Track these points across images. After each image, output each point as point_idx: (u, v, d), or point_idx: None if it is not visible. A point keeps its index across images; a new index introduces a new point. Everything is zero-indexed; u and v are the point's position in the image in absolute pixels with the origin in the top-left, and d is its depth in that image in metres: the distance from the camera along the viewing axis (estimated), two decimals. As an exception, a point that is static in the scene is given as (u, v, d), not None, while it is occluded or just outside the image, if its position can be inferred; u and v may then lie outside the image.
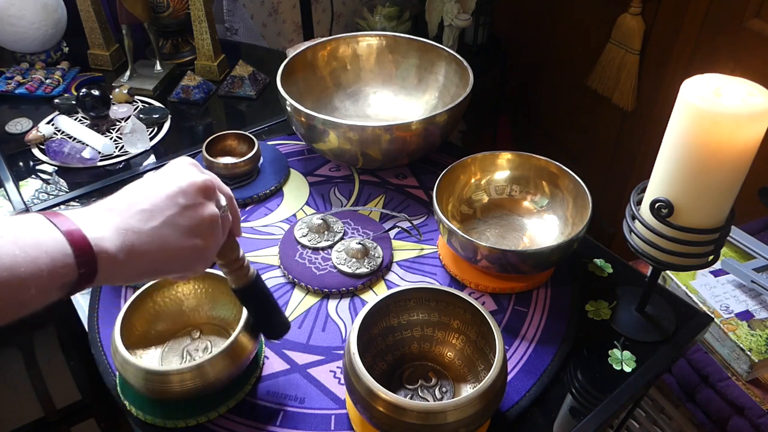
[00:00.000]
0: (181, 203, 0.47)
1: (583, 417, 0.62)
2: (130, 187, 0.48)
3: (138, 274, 0.46)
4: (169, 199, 0.46)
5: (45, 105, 1.12)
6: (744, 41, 1.36)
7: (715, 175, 0.56)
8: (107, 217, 0.44)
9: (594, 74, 1.71)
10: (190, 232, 0.47)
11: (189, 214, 0.47)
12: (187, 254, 0.48)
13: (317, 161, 0.98)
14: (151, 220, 0.45)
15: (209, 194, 0.49)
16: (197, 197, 0.48)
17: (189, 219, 0.47)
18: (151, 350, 0.66)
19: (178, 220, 0.46)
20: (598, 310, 0.74)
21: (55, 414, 1.08)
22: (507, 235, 0.81)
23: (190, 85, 1.15)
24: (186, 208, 0.47)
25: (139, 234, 0.44)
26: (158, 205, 0.46)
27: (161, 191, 0.47)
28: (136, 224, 0.44)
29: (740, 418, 0.90)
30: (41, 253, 0.38)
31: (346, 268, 0.76)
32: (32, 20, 1.15)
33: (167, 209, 0.46)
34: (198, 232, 0.48)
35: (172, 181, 0.48)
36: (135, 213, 0.45)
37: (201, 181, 0.49)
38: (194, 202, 0.48)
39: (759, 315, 0.95)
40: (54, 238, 0.39)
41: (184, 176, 0.48)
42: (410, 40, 1.02)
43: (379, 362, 0.64)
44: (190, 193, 0.48)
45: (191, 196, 0.48)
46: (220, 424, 0.61)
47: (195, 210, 0.48)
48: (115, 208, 0.45)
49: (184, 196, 0.47)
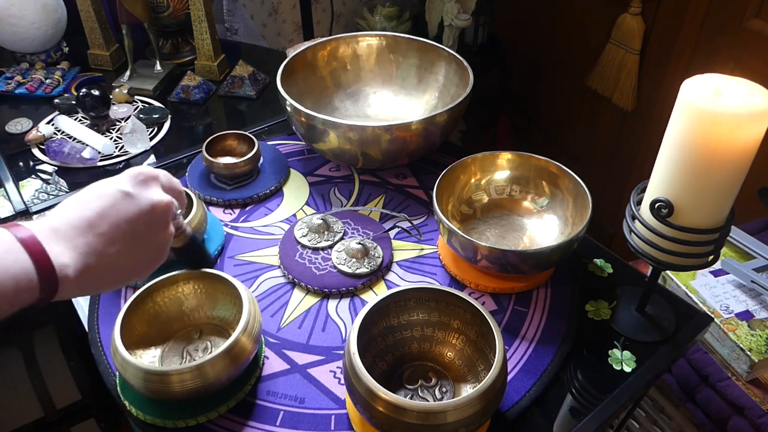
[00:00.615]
0: (141, 229, 0.48)
1: (583, 417, 0.62)
2: (87, 200, 0.47)
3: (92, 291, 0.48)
4: (130, 223, 0.47)
5: (45, 105, 1.12)
6: (744, 41, 1.36)
7: (715, 175, 0.56)
8: (70, 239, 0.44)
9: (594, 74, 1.71)
10: (150, 252, 0.50)
11: (149, 238, 0.49)
12: (143, 270, 0.50)
13: (317, 161, 0.98)
14: (112, 244, 0.46)
15: (169, 215, 0.51)
16: (159, 220, 0.50)
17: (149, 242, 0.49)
18: (151, 350, 0.65)
19: (139, 244, 0.48)
20: (598, 310, 0.74)
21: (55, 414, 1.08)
22: (507, 235, 0.81)
23: (190, 85, 1.15)
24: (148, 232, 0.49)
25: (100, 257, 0.45)
26: (120, 229, 0.47)
27: (122, 214, 0.47)
28: (98, 247, 0.45)
29: (740, 418, 0.90)
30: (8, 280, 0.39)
31: (346, 268, 0.76)
32: (32, 20, 1.15)
33: (128, 234, 0.47)
34: (156, 251, 0.50)
35: (133, 202, 0.48)
36: (96, 236, 0.46)
37: (163, 205, 0.50)
38: (154, 226, 0.49)
39: (759, 315, 0.95)
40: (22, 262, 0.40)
41: (144, 198, 0.49)
42: (410, 40, 1.02)
43: (379, 362, 0.64)
44: (152, 218, 0.49)
45: (152, 221, 0.49)
46: (220, 424, 0.61)
47: (154, 234, 0.50)
48: (77, 228, 0.45)
49: (145, 221, 0.48)
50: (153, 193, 0.50)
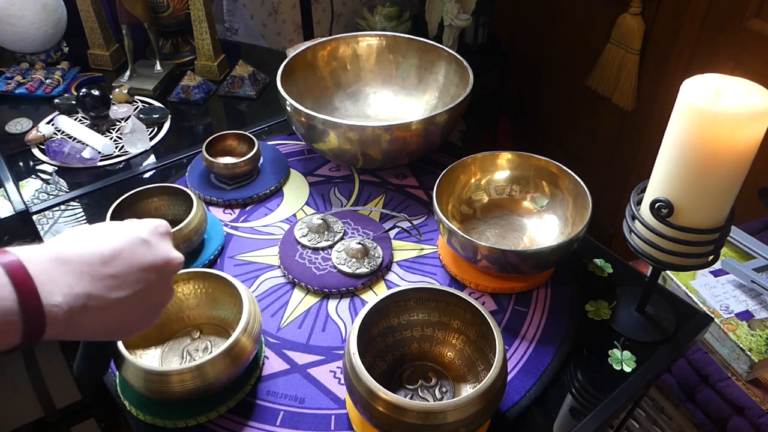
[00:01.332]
0: (151, 279, 0.46)
1: (583, 417, 0.62)
2: (106, 235, 0.44)
3: (83, 336, 0.44)
4: (143, 272, 0.45)
5: (45, 105, 1.12)
6: (744, 41, 1.36)
7: (715, 175, 0.56)
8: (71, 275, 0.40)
9: (594, 74, 1.71)
10: (151, 308, 0.47)
11: (155, 293, 0.47)
12: (139, 325, 0.47)
13: (317, 161, 0.98)
14: (120, 289, 0.43)
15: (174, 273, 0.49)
16: (166, 278, 0.48)
17: (154, 297, 0.47)
18: (151, 350, 0.66)
19: (144, 295, 0.45)
20: (598, 310, 0.74)
21: (55, 414, 1.08)
22: (507, 235, 0.81)
23: (190, 85, 1.15)
24: (154, 286, 0.46)
25: (102, 301, 0.42)
26: (131, 276, 0.44)
27: (136, 260, 0.45)
28: (102, 290, 0.42)
29: (740, 418, 0.90)
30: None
31: (346, 268, 0.76)
32: (32, 20, 1.15)
33: (137, 283, 0.44)
34: (156, 309, 0.48)
35: (150, 251, 0.46)
36: (105, 276, 0.42)
37: (177, 263, 0.48)
38: (163, 282, 0.47)
39: (759, 315, 0.95)
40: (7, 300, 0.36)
41: (161, 251, 0.47)
42: (410, 40, 1.02)
43: (379, 362, 0.64)
44: (164, 273, 0.47)
45: (163, 276, 0.47)
46: (220, 424, 0.61)
47: (161, 290, 0.47)
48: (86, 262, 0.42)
49: (156, 274, 0.46)
50: (168, 247, 0.48)
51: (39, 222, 0.87)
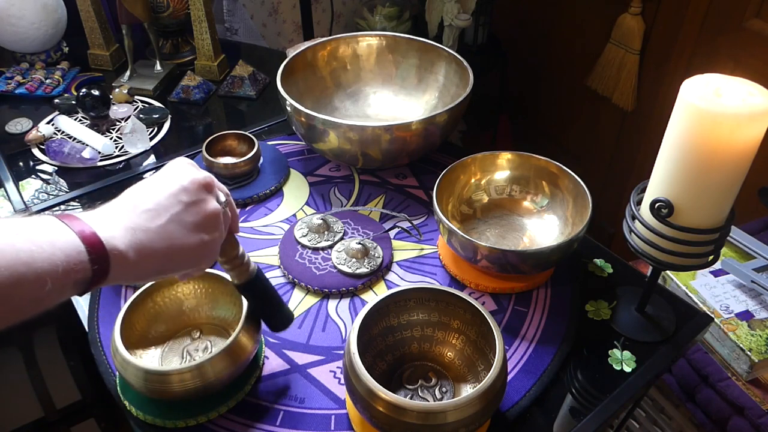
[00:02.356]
0: (184, 200, 0.48)
1: (583, 417, 0.62)
2: (133, 189, 0.49)
3: (149, 272, 0.47)
4: (172, 196, 0.48)
5: (45, 105, 1.12)
6: (744, 41, 1.36)
7: (715, 175, 0.56)
8: (115, 217, 0.45)
9: (594, 74, 1.71)
10: (195, 227, 0.49)
11: (193, 210, 0.49)
12: (194, 250, 0.49)
13: (317, 161, 0.98)
14: (157, 218, 0.46)
15: (210, 190, 0.51)
16: (199, 193, 0.50)
17: (193, 215, 0.49)
18: (151, 350, 0.66)
19: (183, 216, 0.48)
20: (598, 310, 0.74)
21: (55, 414, 1.08)
22: (507, 235, 0.81)
23: (190, 85, 1.15)
24: (189, 205, 0.48)
25: (147, 232, 0.45)
26: (163, 204, 0.47)
27: (164, 190, 0.48)
28: (143, 223, 0.45)
29: (740, 418, 0.90)
30: (56, 250, 0.39)
31: (346, 268, 0.76)
32: (32, 20, 1.15)
33: (172, 207, 0.47)
34: (202, 227, 0.49)
35: (173, 179, 0.49)
36: (141, 212, 0.46)
37: (201, 178, 0.50)
38: (197, 198, 0.49)
39: (759, 315, 0.95)
40: (67, 236, 0.41)
41: (184, 174, 0.50)
42: (410, 40, 1.02)
43: (379, 362, 0.64)
44: (192, 190, 0.49)
45: (193, 193, 0.49)
46: (220, 424, 0.61)
47: (198, 206, 0.49)
48: (122, 209, 0.46)
49: (186, 193, 0.49)
50: (194, 170, 0.51)
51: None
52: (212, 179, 0.52)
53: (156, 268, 0.47)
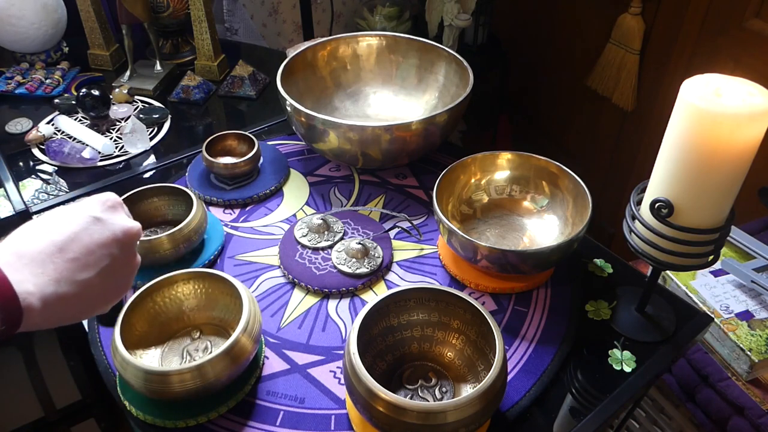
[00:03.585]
0: (114, 254, 0.46)
1: (583, 417, 0.62)
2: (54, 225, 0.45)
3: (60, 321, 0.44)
4: (103, 248, 0.45)
5: (45, 105, 1.12)
6: (744, 41, 1.36)
7: (715, 175, 0.56)
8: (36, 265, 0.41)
9: (594, 74, 1.71)
10: (119, 280, 0.48)
11: (119, 264, 0.47)
12: (109, 299, 0.48)
13: (317, 161, 0.98)
14: (85, 270, 0.44)
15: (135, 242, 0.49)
16: (128, 247, 0.48)
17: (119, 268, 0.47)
18: (151, 350, 0.66)
19: (110, 270, 0.46)
20: (598, 310, 0.74)
21: (55, 414, 1.08)
22: (507, 235, 0.81)
23: (190, 85, 1.15)
24: (118, 258, 0.47)
25: (71, 284, 0.43)
26: (93, 254, 0.45)
27: (94, 239, 0.45)
28: (69, 275, 0.43)
29: (740, 418, 0.90)
30: None
31: (346, 268, 0.76)
32: (32, 20, 1.15)
33: (101, 260, 0.45)
34: (125, 279, 0.49)
35: (104, 227, 0.46)
36: (67, 261, 0.43)
37: (134, 231, 0.49)
38: (126, 253, 0.48)
39: (759, 315, 0.95)
40: None
41: (116, 223, 0.47)
42: (410, 40, 1.02)
43: (379, 362, 0.64)
44: (124, 244, 0.47)
45: (124, 247, 0.47)
46: (220, 424, 0.61)
47: (126, 259, 0.48)
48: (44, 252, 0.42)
49: (117, 247, 0.47)
50: (122, 218, 0.49)
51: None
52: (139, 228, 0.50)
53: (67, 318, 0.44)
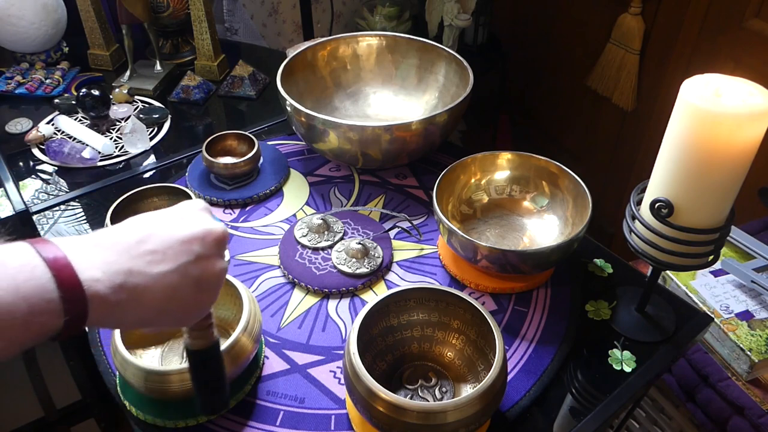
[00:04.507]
0: (196, 251, 0.42)
1: (583, 417, 0.62)
2: (139, 220, 0.42)
3: (132, 321, 0.41)
4: (185, 243, 0.42)
5: (45, 105, 1.12)
6: (744, 41, 1.36)
7: (715, 175, 0.56)
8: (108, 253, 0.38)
9: (594, 74, 1.71)
10: (199, 284, 0.43)
11: (202, 265, 0.43)
12: (189, 307, 0.43)
13: (317, 161, 0.98)
14: (162, 263, 0.40)
15: (222, 246, 0.45)
16: (212, 248, 0.44)
17: (201, 270, 0.43)
18: (151, 350, 0.66)
19: (190, 269, 0.42)
20: (598, 310, 0.74)
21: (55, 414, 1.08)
22: (507, 235, 0.80)
23: (190, 85, 1.15)
24: (200, 258, 0.42)
25: (145, 277, 0.39)
26: (172, 248, 0.41)
27: (176, 233, 0.42)
28: (143, 266, 0.39)
29: (740, 418, 0.90)
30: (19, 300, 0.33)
31: (346, 268, 0.76)
32: (32, 20, 1.15)
33: (181, 255, 0.41)
34: (206, 285, 0.43)
35: (188, 224, 0.43)
36: (144, 252, 0.40)
37: (219, 232, 0.45)
38: (209, 253, 0.43)
39: (759, 315, 0.95)
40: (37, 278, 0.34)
41: (201, 222, 0.44)
42: (410, 40, 1.02)
43: (379, 362, 0.64)
44: (207, 243, 0.43)
45: (207, 246, 0.43)
46: (220, 424, 0.61)
47: (209, 261, 0.43)
48: (122, 243, 0.39)
49: (200, 244, 0.43)
50: (208, 218, 0.45)
51: (39, 222, 0.87)
52: (227, 234, 0.46)
53: (140, 318, 0.41)
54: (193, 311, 0.44)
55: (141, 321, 0.41)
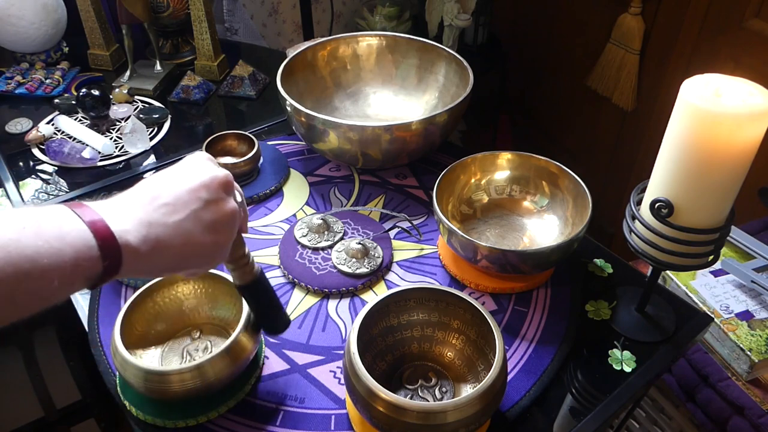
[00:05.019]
0: (203, 197, 0.47)
1: (583, 417, 0.62)
2: (150, 180, 0.47)
3: (160, 268, 0.46)
4: (192, 192, 0.47)
5: (45, 105, 1.12)
6: (744, 41, 1.36)
7: (715, 175, 0.56)
8: (130, 209, 0.44)
9: (594, 74, 1.71)
10: (212, 226, 0.47)
11: (212, 209, 0.47)
12: (207, 249, 0.48)
13: (317, 161, 0.98)
14: (175, 213, 0.45)
15: (229, 189, 0.50)
16: (219, 192, 0.49)
17: (212, 213, 0.47)
18: (151, 350, 0.66)
19: (201, 214, 0.47)
20: (598, 310, 0.74)
21: (55, 414, 1.08)
22: (507, 235, 0.80)
23: (190, 85, 1.15)
24: (209, 203, 0.47)
25: (164, 227, 0.44)
26: (182, 199, 0.46)
27: (184, 185, 0.47)
28: (160, 218, 0.44)
29: (740, 418, 0.90)
30: (65, 245, 0.38)
31: (346, 268, 0.76)
32: (32, 20, 1.15)
33: (191, 203, 0.46)
34: (219, 226, 0.48)
35: (193, 175, 0.48)
36: (159, 206, 0.45)
37: (222, 176, 0.49)
38: (216, 197, 0.48)
39: (759, 315, 0.95)
40: (78, 229, 0.39)
41: (205, 171, 0.49)
42: (410, 40, 1.02)
43: (379, 362, 0.64)
44: (213, 188, 0.48)
45: (213, 191, 0.48)
46: (220, 424, 0.61)
47: (217, 204, 0.48)
48: (138, 201, 0.45)
49: (206, 191, 0.47)
50: (214, 167, 0.50)
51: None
52: (231, 178, 0.51)
53: (167, 264, 0.46)
54: (214, 252, 0.49)
55: (167, 267, 0.47)
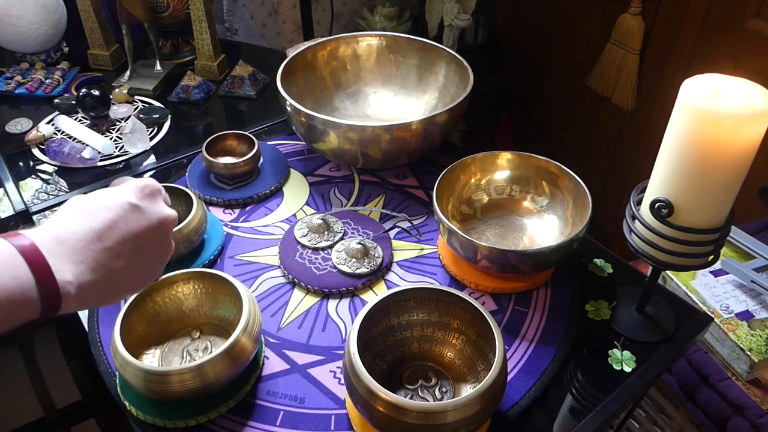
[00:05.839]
0: (149, 243, 0.47)
1: (583, 417, 0.62)
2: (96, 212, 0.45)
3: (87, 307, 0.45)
4: (138, 238, 0.46)
5: (45, 105, 1.12)
6: (744, 41, 1.36)
7: (715, 175, 0.56)
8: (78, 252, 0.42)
9: (594, 74, 1.71)
10: (151, 267, 0.48)
11: (156, 252, 0.48)
12: (143, 282, 0.49)
13: (317, 161, 0.98)
14: (119, 259, 0.45)
15: (171, 230, 0.50)
16: (165, 236, 0.49)
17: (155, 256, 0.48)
18: (151, 350, 0.66)
19: (146, 258, 0.47)
20: (598, 310, 0.74)
21: (55, 414, 1.08)
22: (507, 235, 0.81)
23: (190, 85, 1.15)
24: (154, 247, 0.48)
25: (105, 272, 0.44)
26: (127, 245, 0.45)
27: (131, 230, 0.46)
28: (104, 262, 0.44)
29: (740, 418, 0.90)
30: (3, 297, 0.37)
31: (346, 268, 0.76)
32: (32, 20, 1.15)
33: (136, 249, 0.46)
34: (158, 266, 0.49)
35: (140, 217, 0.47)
36: (104, 250, 0.44)
37: (171, 220, 0.49)
38: (162, 241, 0.49)
39: (759, 315, 0.95)
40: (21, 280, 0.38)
41: (153, 213, 0.48)
42: (410, 40, 1.02)
43: (379, 362, 0.64)
44: (161, 233, 0.48)
45: (160, 236, 0.48)
46: (220, 424, 0.61)
47: (161, 247, 0.49)
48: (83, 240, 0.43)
49: (152, 236, 0.47)
50: (160, 207, 0.49)
51: (39, 222, 0.87)
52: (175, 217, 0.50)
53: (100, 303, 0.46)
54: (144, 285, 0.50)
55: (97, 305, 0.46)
